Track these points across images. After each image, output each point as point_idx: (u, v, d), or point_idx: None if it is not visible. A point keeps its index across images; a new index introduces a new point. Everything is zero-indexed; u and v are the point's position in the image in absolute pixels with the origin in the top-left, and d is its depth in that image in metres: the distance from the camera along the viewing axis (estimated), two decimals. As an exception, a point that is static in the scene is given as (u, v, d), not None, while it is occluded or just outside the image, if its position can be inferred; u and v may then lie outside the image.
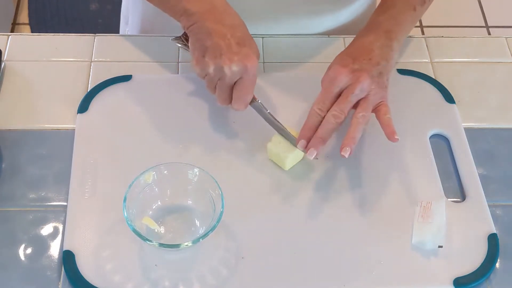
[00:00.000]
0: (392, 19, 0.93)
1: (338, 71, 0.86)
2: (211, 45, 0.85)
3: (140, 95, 0.97)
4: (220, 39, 0.85)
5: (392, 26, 0.92)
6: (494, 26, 2.44)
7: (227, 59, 0.85)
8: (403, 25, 0.94)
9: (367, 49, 0.89)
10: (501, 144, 0.96)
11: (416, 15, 0.95)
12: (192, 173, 0.83)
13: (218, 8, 0.88)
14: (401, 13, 0.94)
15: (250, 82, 0.87)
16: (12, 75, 0.99)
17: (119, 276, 0.79)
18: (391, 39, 0.91)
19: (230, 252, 0.82)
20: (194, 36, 0.88)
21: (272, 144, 0.89)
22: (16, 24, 2.31)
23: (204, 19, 0.86)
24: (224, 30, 0.86)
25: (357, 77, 0.86)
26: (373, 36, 0.91)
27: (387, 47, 0.90)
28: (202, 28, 0.86)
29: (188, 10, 0.87)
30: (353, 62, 0.87)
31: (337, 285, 0.80)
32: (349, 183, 0.89)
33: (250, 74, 0.86)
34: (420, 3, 0.95)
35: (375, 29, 0.92)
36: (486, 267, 0.82)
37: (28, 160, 0.90)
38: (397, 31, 0.92)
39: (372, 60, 0.88)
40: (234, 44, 0.85)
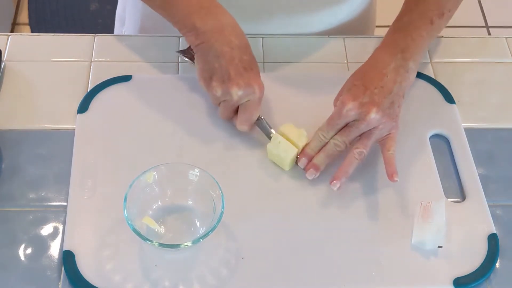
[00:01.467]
0: (409, 36, 0.91)
1: (347, 105, 0.85)
2: (219, 69, 0.86)
3: (140, 95, 0.97)
4: (229, 63, 0.86)
5: (408, 43, 0.90)
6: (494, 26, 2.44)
7: (235, 84, 0.86)
8: (420, 42, 0.91)
9: (380, 74, 0.87)
10: (501, 144, 0.96)
11: (434, 29, 0.93)
12: (193, 173, 0.83)
13: (227, 28, 0.88)
14: (417, 28, 0.91)
15: (255, 105, 0.88)
16: (12, 75, 0.99)
17: (119, 276, 0.79)
18: (407, 59, 0.89)
19: (230, 252, 0.82)
20: (201, 56, 0.88)
21: (271, 145, 0.89)
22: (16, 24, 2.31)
23: (213, 40, 0.87)
24: (233, 53, 0.86)
25: (366, 113, 0.85)
26: (388, 56, 0.89)
27: (402, 68, 0.89)
28: (211, 49, 0.87)
29: (198, 28, 0.87)
30: (364, 93, 0.85)
31: (337, 285, 0.80)
32: (349, 183, 0.89)
33: (256, 97, 0.87)
34: (437, 15, 0.93)
35: (391, 47, 0.90)
36: (486, 267, 0.82)
37: (28, 160, 0.90)
38: (413, 50, 0.90)
39: (384, 88, 0.86)
40: (241, 69, 0.86)
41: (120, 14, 1.23)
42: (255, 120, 0.90)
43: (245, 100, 0.88)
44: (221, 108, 0.90)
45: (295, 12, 1.07)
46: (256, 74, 0.88)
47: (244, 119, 0.89)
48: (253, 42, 1.05)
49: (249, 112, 0.89)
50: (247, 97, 0.87)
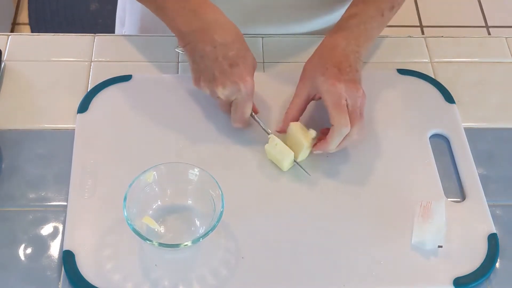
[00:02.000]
0: (362, 25, 0.92)
1: (338, 86, 0.86)
2: (204, 69, 0.87)
3: (140, 95, 0.97)
4: (212, 63, 0.86)
5: (361, 32, 0.92)
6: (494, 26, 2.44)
7: (220, 84, 0.86)
8: (371, 32, 0.93)
9: (344, 55, 0.89)
10: (501, 144, 0.96)
11: (384, 21, 0.95)
12: (193, 173, 0.83)
13: (210, 26, 0.87)
14: (369, 18, 0.93)
15: (244, 101, 0.88)
16: (12, 75, 0.99)
17: (119, 276, 0.79)
18: (359, 45, 0.91)
19: (230, 252, 0.82)
20: (189, 58, 0.89)
21: (269, 146, 0.89)
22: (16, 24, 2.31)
23: (196, 40, 0.87)
24: (216, 52, 0.86)
25: (356, 90, 0.86)
26: (342, 41, 0.91)
27: (357, 53, 0.91)
28: (195, 50, 0.87)
29: (182, 31, 0.88)
30: (341, 74, 0.87)
31: (337, 285, 0.80)
32: (349, 183, 0.89)
33: (244, 94, 0.87)
34: (388, 8, 0.94)
35: (345, 33, 0.92)
36: (486, 267, 0.82)
37: (28, 160, 0.90)
38: (365, 39, 0.92)
39: (352, 67, 0.88)
40: (226, 67, 0.86)
41: (120, 15, 1.23)
42: (248, 116, 0.90)
43: (234, 98, 0.88)
44: (219, 103, 0.92)
45: (292, 12, 1.07)
46: (243, 69, 0.87)
47: (236, 118, 0.90)
48: (253, 42, 1.05)
49: (240, 110, 0.89)
50: (234, 95, 0.87)
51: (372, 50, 1.05)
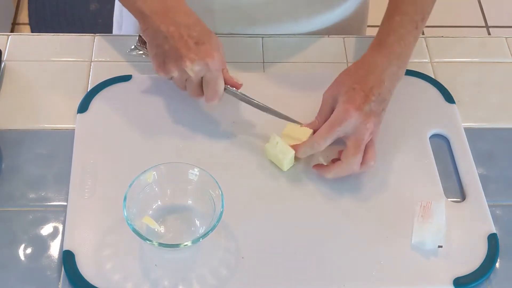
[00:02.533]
0: (401, 40, 0.91)
1: (350, 114, 0.85)
2: (169, 49, 0.86)
3: (140, 95, 0.97)
4: (178, 42, 0.85)
5: (402, 49, 0.91)
6: (494, 26, 2.44)
7: (188, 60, 0.85)
8: (409, 48, 0.92)
9: (379, 80, 0.88)
10: (501, 144, 0.96)
11: (418, 34, 0.94)
12: (193, 173, 0.83)
13: (171, 8, 0.87)
14: (407, 33, 0.92)
15: (215, 77, 0.87)
16: (12, 75, 0.99)
17: (119, 276, 0.79)
18: (400, 67, 0.90)
19: (230, 252, 0.82)
20: (151, 41, 0.88)
21: (269, 145, 0.89)
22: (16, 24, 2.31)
23: (158, 22, 0.86)
24: (180, 31, 0.85)
25: (366, 123, 0.85)
26: (385, 62, 0.89)
27: (395, 75, 0.90)
28: (157, 32, 0.86)
29: (143, 12, 0.87)
30: (364, 101, 0.85)
31: (337, 285, 0.80)
32: (349, 183, 0.89)
33: (213, 69, 0.86)
34: (420, 20, 0.93)
35: (387, 52, 0.90)
36: (486, 267, 0.82)
37: (28, 160, 0.90)
38: (405, 56, 0.91)
39: (381, 96, 0.87)
40: (192, 44, 0.85)
41: (118, 18, 1.23)
42: (221, 92, 0.89)
43: (203, 74, 0.87)
44: (187, 88, 0.90)
45: (291, 12, 1.07)
46: (209, 47, 0.86)
47: (209, 94, 0.88)
48: (253, 42, 1.05)
49: (211, 86, 0.88)
50: (203, 71, 0.86)
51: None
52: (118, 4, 1.21)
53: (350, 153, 0.85)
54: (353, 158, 0.85)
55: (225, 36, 1.04)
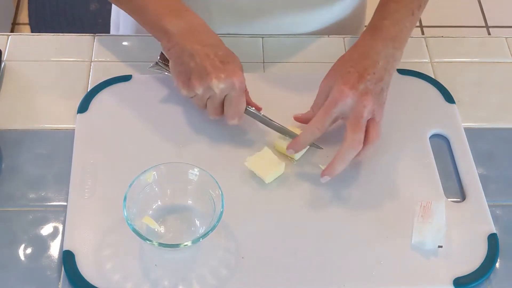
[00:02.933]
0: (396, 25, 0.91)
1: (344, 94, 0.85)
2: (195, 67, 0.86)
3: (140, 95, 0.97)
4: (204, 60, 0.86)
5: (397, 33, 0.91)
6: (494, 26, 2.44)
7: (214, 78, 0.86)
8: (405, 32, 0.93)
9: (373, 61, 0.88)
10: (501, 144, 0.96)
11: (414, 20, 0.94)
12: (193, 173, 0.83)
13: (197, 28, 0.88)
14: (403, 18, 0.92)
15: (239, 96, 0.88)
16: (12, 75, 0.99)
17: (119, 276, 0.79)
18: (396, 48, 0.90)
19: (230, 252, 0.82)
20: (176, 59, 0.88)
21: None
22: (16, 24, 2.31)
23: (184, 40, 0.87)
24: (206, 50, 0.86)
25: (362, 101, 0.85)
26: (380, 44, 0.89)
27: (392, 57, 0.90)
28: (184, 50, 0.87)
29: (168, 30, 0.88)
30: (358, 81, 0.86)
31: (337, 285, 0.80)
32: (349, 183, 0.89)
33: (238, 88, 0.87)
34: (417, 7, 0.94)
35: (381, 34, 0.91)
36: (486, 267, 0.82)
37: (28, 160, 0.90)
38: (401, 39, 0.92)
39: (376, 75, 0.87)
40: (218, 63, 0.86)
41: (115, 20, 1.23)
42: (243, 111, 0.90)
43: (227, 93, 0.87)
44: (208, 106, 0.90)
45: (289, 11, 1.07)
46: (234, 66, 0.87)
47: (231, 113, 0.89)
48: (253, 42, 1.05)
49: (234, 104, 0.88)
50: (228, 90, 0.87)
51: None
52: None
53: (349, 132, 0.85)
54: (352, 136, 0.84)
55: (225, 36, 1.04)
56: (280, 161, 0.88)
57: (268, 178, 0.87)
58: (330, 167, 0.86)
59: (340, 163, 0.86)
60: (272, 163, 0.88)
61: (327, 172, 0.86)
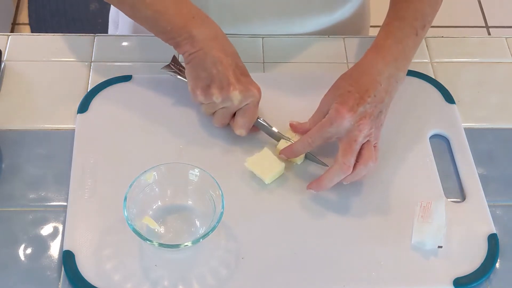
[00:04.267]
0: (399, 44, 0.90)
1: (341, 115, 0.84)
2: (217, 75, 0.86)
3: (140, 95, 0.97)
4: (227, 69, 0.86)
5: (399, 52, 0.90)
6: (494, 26, 2.44)
7: (236, 89, 0.86)
8: (408, 52, 0.91)
9: (375, 82, 0.87)
10: (501, 144, 0.96)
11: (417, 41, 0.93)
12: (193, 173, 0.83)
13: (220, 36, 0.89)
14: (406, 37, 0.91)
15: (253, 109, 0.89)
16: (12, 75, 0.99)
17: (119, 276, 0.79)
18: (399, 69, 0.89)
19: (230, 252, 0.82)
20: (198, 65, 0.88)
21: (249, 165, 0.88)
22: (16, 24, 2.31)
23: (209, 47, 0.87)
24: (229, 60, 0.87)
25: (358, 125, 0.84)
26: (382, 64, 0.88)
27: (393, 77, 0.88)
28: (208, 56, 0.87)
29: (194, 36, 0.87)
30: (358, 103, 0.84)
31: (337, 285, 0.80)
32: (349, 183, 0.89)
33: (256, 100, 0.88)
34: (421, 27, 0.92)
35: (385, 54, 0.89)
36: (486, 267, 0.82)
37: (28, 160, 0.90)
38: (404, 60, 0.91)
39: (376, 98, 0.86)
40: (239, 74, 0.87)
41: (114, 17, 1.23)
42: (252, 123, 0.90)
43: (244, 105, 0.88)
44: (217, 115, 0.90)
45: (287, 16, 1.07)
46: (251, 79, 0.89)
47: (242, 123, 0.89)
48: (253, 42, 1.06)
49: (248, 115, 0.89)
50: (246, 101, 0.88)
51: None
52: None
53: (341, 155, 0.84)
54: (343, 159, 0.83)
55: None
56: (280, 162, 0.88)
57: (268, 178, 0.87)
58: (317, 183, 0.86)
59: (327, 182, 0.85)
60: (272, 163, 0.88)
61: (313, 186, 0.86)
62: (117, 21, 1.20)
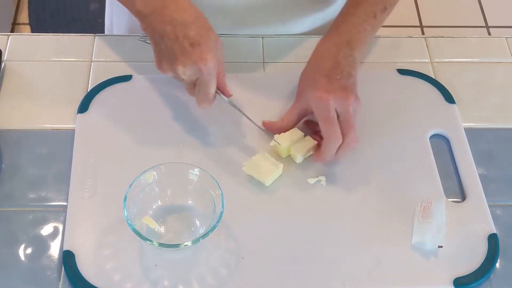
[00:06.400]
0: (353, 28, 0.92)
1: (326, 99, 0.85)
2: (165, 49, 0.85)
3: (140, 95, 0.97)
4: (173, 43, 0.84)
5: (353, 36, 0.92)
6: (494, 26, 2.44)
7: (180, 63, 0.84)
8: (364, 34, 0.93)
9: (334, 62, 0.89)
10: (501, 144, 0.96)
11: (377, 23, 0.94)
12: (193, 173, 0.83)
13: (169, 5, 0.85)
14: (362, 21, 0.93)
15: (206, 82, 0.86)
16: (12, 75, 0.99)
17: (119, 276, 0.79)
18: (352, 49, 0.91)
19: (230, 252, 0.82)
20: (151, 40, 0.87)
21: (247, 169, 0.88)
22: (16, 24, 2.31)
23: (155, 21, 0.85)
24: (176, 31, 0.84)
25: (345, 98, 0.86)
26: (334, 47, 0.91)
27: (350, 56, 0.90)
28: (155, 31, 0.85)
29: (141, 12, 0.86)
30: (330, 83, 0.87)
31: (337, 285, 0.80)
32: (349, 183, 0.89)
33: (205, 74, 0.84)
34: (381, 10, 0.94)
35: (336, 39, 0.92)
36: (486, 267, 0.82)
37: (28, 160, 0.90)
38: (358, 41, 0.92)
39: (344, 72, 0.88)
40: (187, 46, 0.84)
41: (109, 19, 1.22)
42: (212, 96, 0.87)
43: (195, 78, 0.86)
44: (185, 86, 0.89)
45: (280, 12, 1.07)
46: (205, 48, 0.84)
47: (200, 98, 0.88)
48: (253, 42, 1.05)
49: (203, 89, 0.86)
50: (195, 75, 0.85)
51: (372, 50, 1.05)
52: (110, 5, 1.21)
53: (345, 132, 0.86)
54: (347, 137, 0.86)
55: (225, 36, 1.04)
56: (278, 162, 0.88)
57: (268, 181, 0.87)
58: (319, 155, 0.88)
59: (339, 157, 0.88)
60: (270, 165, 0.88)
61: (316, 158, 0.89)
62: (111, 27, 1.20)
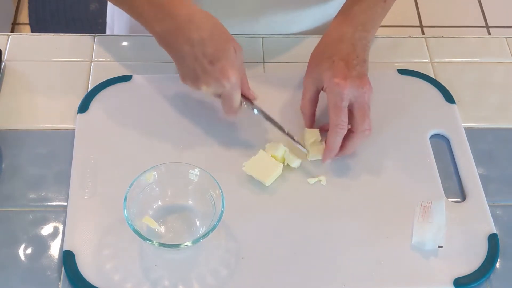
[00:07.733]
0: (368, 10, 0.93)
1: (343, 86, 0.86)
2: (186, 70, 0.87)
3: (140, 95, 0.97)
4: (193, 63, 0.85)
5: (366, 19, 0.92)
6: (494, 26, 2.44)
7: (203, 83, 0.86)
8: (376, 18, 0.94)
9: (351, 45, 0.89)
10: (501, 144, 0.96)
11: (386, 7, 0.95)
12: (193, 173, 0.83)
13: (184, 24, 0.85)
14: (374, 4, 0.93)
15: (230, 95, 0.87)
16: (12, 75, 0.99)
17: (119, 276, 0.79)
18: (367, 31, 0.92)
19: (230, 252, 0.82)
20: (173, 59, 0.88)
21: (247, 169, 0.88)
22: (16, 24, 2.31)
23: (172, 41, 0.86)
24: (194, 51, 0.84)
25: (361, 86, 0.86)
26: (350, 29, 0.91)
27: (365, 38, 0.91)
28: (174, 51, 0.87)
29: (158, 33, 0.86)
30: (348, 69, 0.87)
31: (337, 285, 0.80)
32: (349, 183, 0.89)
33: (229, 88, 0.86)
34: None
35: (352, 20, 0.92)
36: (486, 267, 0.82)
37: (28, 160, 0.90)
38: (371, 24, 0.93)
39: (359, 58, 0.89)
40: (207, 65, 0.85)
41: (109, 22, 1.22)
42: (237, 108, 0.89)
43: (219, 92, 0.87)
44: None
45: (281, 10, 1.07)
46: (225, 63, 0.85)
47: (226, 110, 0.90)
48: (253, 42, 1.05)
49: (227, 102, 0.88)
50: (219, 91, 0.87)
51: (372, 50, 1.05)
52: (110, 5, 1.21)
53: (360, 120, 0.87)
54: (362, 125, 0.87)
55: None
56: (278, 162, 0.88)
57: (268, 181, 0.87)
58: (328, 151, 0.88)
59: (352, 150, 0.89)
60: (270, 165, 0.88)
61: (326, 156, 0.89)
62: (112, 26, 1.20)
